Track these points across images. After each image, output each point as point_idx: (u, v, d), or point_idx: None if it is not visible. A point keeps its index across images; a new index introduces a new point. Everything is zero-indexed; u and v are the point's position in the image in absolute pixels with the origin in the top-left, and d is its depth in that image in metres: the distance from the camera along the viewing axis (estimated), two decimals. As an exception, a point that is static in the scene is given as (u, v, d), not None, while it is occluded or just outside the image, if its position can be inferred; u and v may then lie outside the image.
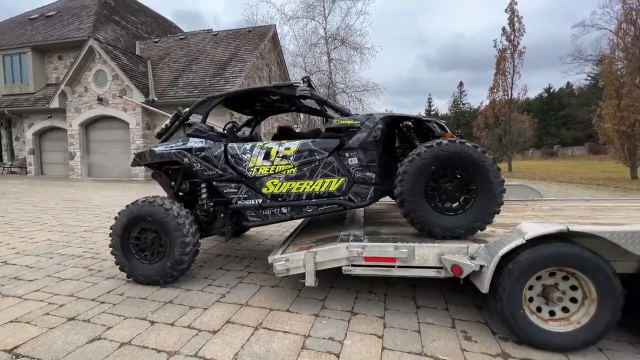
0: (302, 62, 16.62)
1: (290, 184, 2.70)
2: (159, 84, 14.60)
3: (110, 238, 2.91)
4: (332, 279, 3.03)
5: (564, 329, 1.91)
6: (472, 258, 2.08)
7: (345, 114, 2.78)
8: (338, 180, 2.64)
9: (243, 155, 2.80)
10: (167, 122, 3.17)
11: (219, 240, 4.41)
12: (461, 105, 61.03)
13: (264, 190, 2.76)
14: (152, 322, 2.26)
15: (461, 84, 61.99)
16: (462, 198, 2.37)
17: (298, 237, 3.03)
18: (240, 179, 2.80)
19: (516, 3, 20.41)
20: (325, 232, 2.88)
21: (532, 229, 1.87)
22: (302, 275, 2.39)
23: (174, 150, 2.90)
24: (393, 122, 2.80)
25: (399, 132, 3.05)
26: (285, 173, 2.71)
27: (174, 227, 2.73)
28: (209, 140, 2.89)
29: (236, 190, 2.82)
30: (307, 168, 2.67)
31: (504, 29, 20.98)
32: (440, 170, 2.34)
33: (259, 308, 2.49)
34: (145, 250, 2.87)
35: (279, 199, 2.75)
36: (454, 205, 2.38)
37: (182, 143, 2.92)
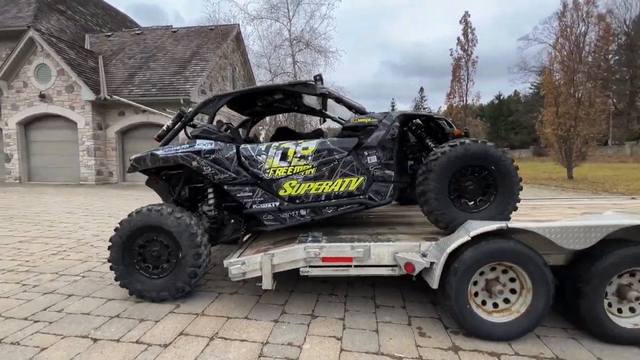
0: (266, 63, 16.43)
1: (309, 185, 2.62)
2: (111, 81, 13.62)
3: (110, 250, 2.63)
4: (294, 283, 3.00)
5: (506, 319, 2.06)
6: (424, 255, 2.17)
7: (361, 112, 2.78)
8: (357, 180, 2.60)
9: (258, 157, 2.67)
10: (169, 122, 2.94)
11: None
12: (422, 110, 64.18)
13: (281, 193, 2.65)
14: (95, 340, 2.08)
15: (422, 89, 65.15)
16: (485, 194, 2.40)
17: (257, 239, 2.97)
18: (255, 181, 2.67)
19: (469, 15, 21.86)
20: (284, 234, 2.85)
21: (477, 226, 1.99)
22: (262, 280, 2.34)
23: (180, 154, 2.68)
24: (405, 120, 2.82)
25: (409, 130, 3.09)
26: (304, 174, 2.63)
27: (187, 238, 2.51)
28: (219, 142, 2.72)
29: (251, 193, 2.68)
30: (326, 168, 2.62)
31: (458, 39, 22.36)
32: (475, 167, 2.35)
33: (216, 317, 2.39)
34: (151, 263, 2.63)
35: (297, 200, 2.66)
36: (479, 200, 2.40)
37: (188, 145, 2.72)
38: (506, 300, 2.10)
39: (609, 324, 1.97)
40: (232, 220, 2.88)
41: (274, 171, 2.65)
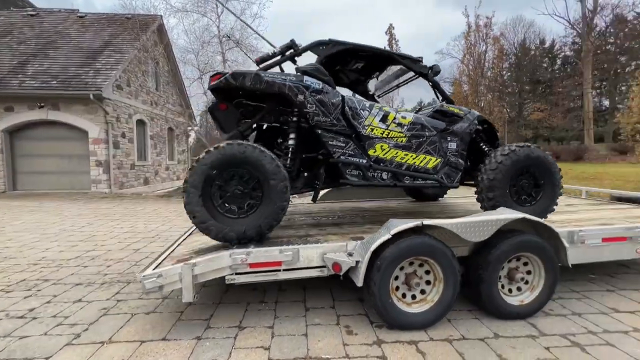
0: (194, 60, 15.37)
1: (397, 152, 2.75)
2: (-6, 69, 11.25)
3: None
4: (221, 294, 2.83)
5: (422, 308, 2.24)
6: (350, 255, 2.23)
7: (450, 101, 3.10)
8: (436, 160, 2.84)
9: (361, 112, 2.70)
10: (276, 49, 2.75)
11: (80, 266, 3.62)
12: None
13: (371, 152, 2.71)
14: (-46, 394, 1.65)
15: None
16: (534, 191, 2.85)
17: (178, 248, 2.72)
18: (350, 133, 2.67)
19: (394, 28, 23.78)
20: (209, 240, 2.67)
21: (396, 225, 2.14)
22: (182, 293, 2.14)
23: (289, 82, 2.49)
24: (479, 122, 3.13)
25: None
26: (396, 140, 2.75)
27: (272, 170, 2.30)
28: (326, 85, 2.63)
29: (343, 144, 2.65)
30: (416, 141, 2.79)
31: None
32: (527, 168, 2.77)
33: (127, 342, 2.11)
34: (233, 202, 2.36)
35: (381, 163, 2.75)
36: (531, 194, 2.86)
37: (296, 79, 2.54)
38: (422, 292, 2.28)
39: (502, 303, 2.29)
40: (306, 174, 2.84)
41: (372, 129, 2.71)
